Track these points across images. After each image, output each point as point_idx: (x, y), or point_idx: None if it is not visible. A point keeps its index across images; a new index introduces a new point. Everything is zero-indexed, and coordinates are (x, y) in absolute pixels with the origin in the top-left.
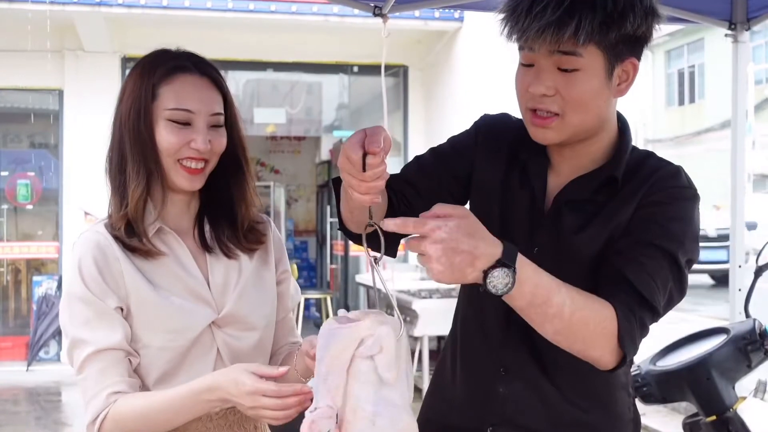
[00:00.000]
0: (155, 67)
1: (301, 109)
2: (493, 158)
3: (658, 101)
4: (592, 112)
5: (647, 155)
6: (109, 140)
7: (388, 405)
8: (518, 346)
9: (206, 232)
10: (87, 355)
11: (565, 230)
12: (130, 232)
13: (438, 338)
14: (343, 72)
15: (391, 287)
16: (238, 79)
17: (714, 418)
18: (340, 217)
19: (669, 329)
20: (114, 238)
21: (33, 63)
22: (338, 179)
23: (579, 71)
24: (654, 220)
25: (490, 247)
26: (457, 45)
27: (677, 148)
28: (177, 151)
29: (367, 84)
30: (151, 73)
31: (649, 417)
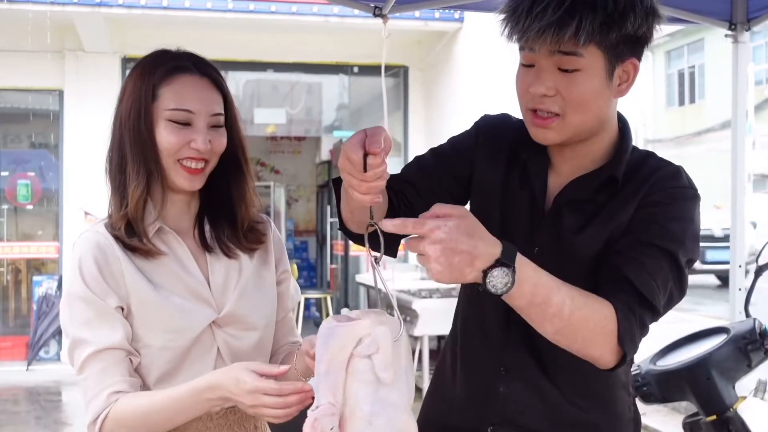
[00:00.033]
0: (155, 67)
1: (301, 110)
2: (494, 159)
3: (658, 101)
4: (592, 113)
5: (647, 155)
6: (109, 140)
7: (386, 405)
8: (518, 345)
9: (206, 232)
10: (88, 354)
11: (565, 230)
12: (130, 232)
13: (438, 338)
14: (344, 72)
15: (391, 287)
16: (238, 80)
17: (714, 417)
18: (341, 217)
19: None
20: (114, 238)
21: (33, 63)
22: (338, 179)
23: (579, 71)
24: (654, 220)
25: (489, 247)
26: (458, 45)
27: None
28: (177, 151)
29: (367, 84)
30: (152, 73)
31: (649, 417)
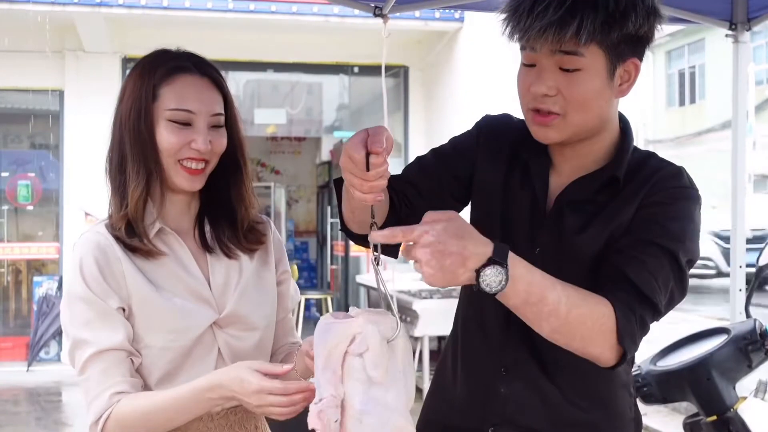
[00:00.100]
0: (155, 67)
1: (302, 110)
2: (495, 159)
3: (658, 102)
4: (593, 112)
5: (649, 155)
6: (109, 140)
7: (378, 405)
8: (518, 346)
9: (207, 232)
10: (89, 355)
11: (566, 230)
12: (131, 233)
13: (438, 338)
14: (344, 72)
15: (391, 287)
16: (239, 80)
17: (714, 418)
18: (342, 218)
19: (669, 329)
20: (115, 238)
21: (33, 63)
22: (340, 180)
23: (581, 71)
24: (655, 219)
25: (479, 246)
26: (458, 45)
27: (678, 149)
28: (177, 151)
29: (368, 84)
30: (152, 73)
31: (649, 417)
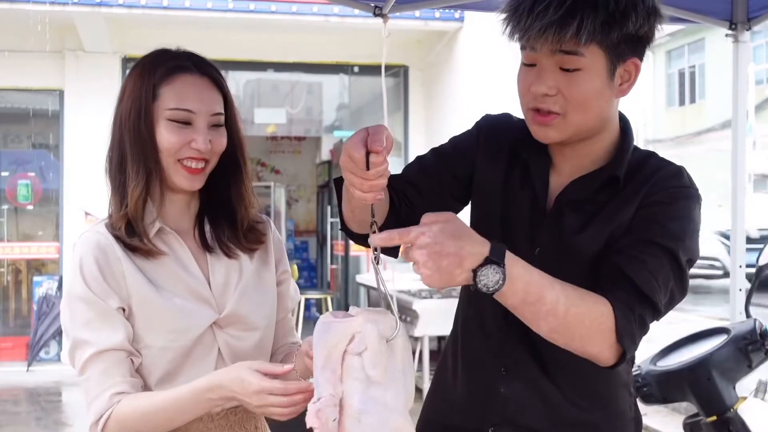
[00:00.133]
0: (155, 66)
1: (302, 110)
2: (495, 158)
3: (658, 101)
4: (593, 112)
5: (649, 155)
6: (109, 140)
7: (377, 405)
8: (518, 346)
9: (206, 232)
10: (89, 355)
11: (566, 230)
12: (131, 232)
13: (438, 338)
14: (344, 72)
15: (391, 287)
16: (239, 80)
17: (714, 418)
18: (342, 217)
19: (669, 329)
20: (115, 238)
21: (33, 63)
22: (340, 179)
23: (581, 71)
24: (655, 219)
25: (476, 246)
26: (458, 45)
27: (678, 149)
28: (177, 150)
29: (368, 84)
30: (152, 73)
31: (649, 417)
